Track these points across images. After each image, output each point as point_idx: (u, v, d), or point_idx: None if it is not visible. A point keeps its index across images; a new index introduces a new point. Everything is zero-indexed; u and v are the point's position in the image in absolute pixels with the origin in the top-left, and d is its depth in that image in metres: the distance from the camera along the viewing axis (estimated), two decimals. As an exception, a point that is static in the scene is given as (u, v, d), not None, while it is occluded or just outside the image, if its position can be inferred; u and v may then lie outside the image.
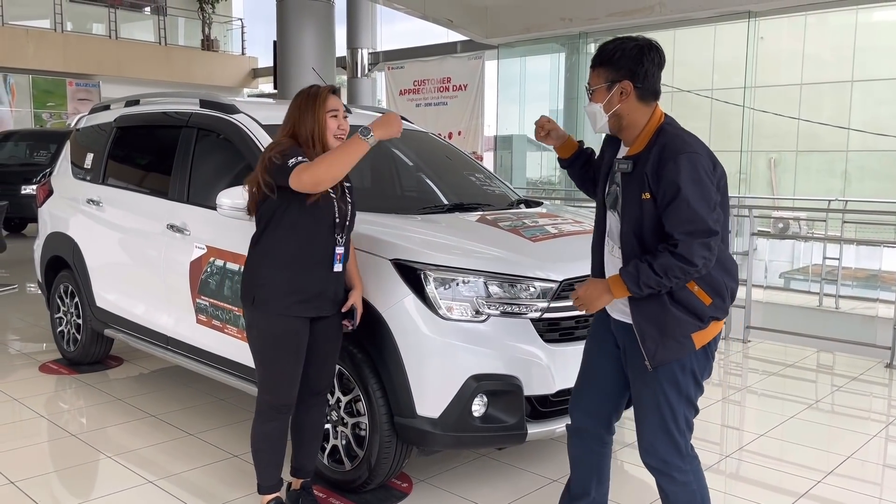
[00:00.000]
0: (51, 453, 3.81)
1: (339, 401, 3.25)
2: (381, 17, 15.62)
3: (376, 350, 3.06)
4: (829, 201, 10.96)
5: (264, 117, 3.80)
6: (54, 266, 5.22)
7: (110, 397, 4.58)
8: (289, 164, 2.63)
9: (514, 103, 14.56)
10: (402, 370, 2.98)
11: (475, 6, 12.48)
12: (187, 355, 4.06)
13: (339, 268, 2.84)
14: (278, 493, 2.98)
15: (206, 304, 3.75)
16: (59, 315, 5.23)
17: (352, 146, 2.63)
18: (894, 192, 14.13)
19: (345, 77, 14.83)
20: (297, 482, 3.09)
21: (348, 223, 2.87)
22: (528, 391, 3.01)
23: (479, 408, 2.98)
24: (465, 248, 3.19)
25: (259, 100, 4.31)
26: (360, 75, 14.42)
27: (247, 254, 2.89)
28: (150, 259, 4.21)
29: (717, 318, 2.39)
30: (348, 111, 4.39)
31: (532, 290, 3.06)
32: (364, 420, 3.13)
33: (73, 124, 5.68)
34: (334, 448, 3.29)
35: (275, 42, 10.02)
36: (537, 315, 3.05)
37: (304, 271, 2.77)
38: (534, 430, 3.07)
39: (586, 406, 2.67)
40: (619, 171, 2.39)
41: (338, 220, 2.80)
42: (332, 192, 2.78)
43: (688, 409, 2.44)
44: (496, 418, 3.01)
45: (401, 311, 3.00)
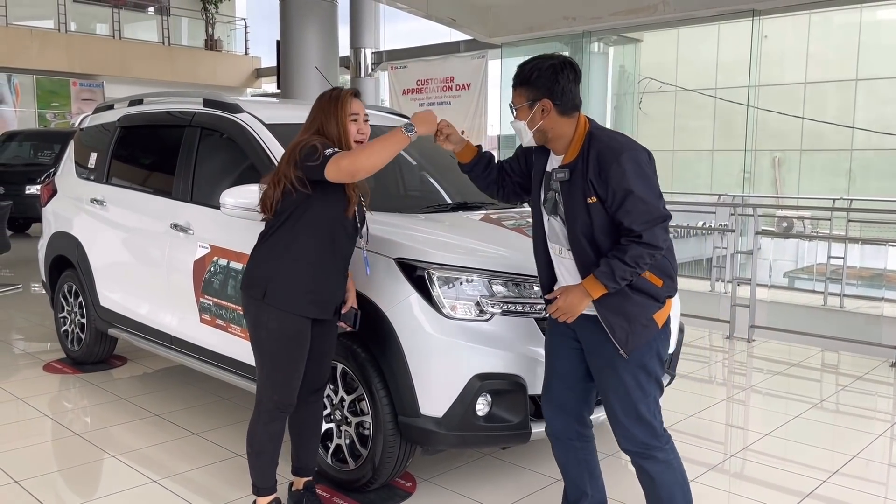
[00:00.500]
0: (55, 452, 3.82)
1: (342, 400, 3.24)
2: (384, 17, 15.62)
3: (380, 349, 3.05)
4: (834, 200, 10.93)
5: (268, 116, 3.80)
6: (58, 266, 5.22)
7: (114, 396, 4.58)
8: (326, 153, 2.62)
9: (518, 102, 14.54)
10: (405, 369, 2.97)
11: (478, 5, 12.47)
12: (191, 354, 4.06)
13: (368, 271, 2.91)
14: (276, 494, 2.97)
15: (210, 303, 3.75)
16: (63, 314, 5.24)
17: (394, 138, 2.65)
18: (899, 191, 14.10)
19: (348, 77, 14.82)
20: (300, 482, 3.08)
21: (367, 227, 2.92)
22: (532, 390, 3.00)
23: (483, 407, 2.98)
24: (468, 247, 3.19)
25: (263, 99, 4.30)
26: (363, 75, 14.41)
27: (253, 248, 2.85)
28: (154, 258, 4.21)
29: (669, 296, 2.56)
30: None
31: (536, 289, 3.05)
32: (368, 419, 3.12)
33: (76, 124, 5.68)
34: (338, 447, 3.28)
35: (278, 42, 10.03)
36: (541, 314, 3.04)
37: (322, 272, 2.77)
38: (538, 429, 3.05)
39: (557, 402, 2.76)
40: (557, 180, 2.51)
41: (359, 226, 2.85)
42: (358, 196, 2.80)
43: (655, 389, 2.57)
44: (500, 417, 3.01)
45: (404, 310, 2.99)
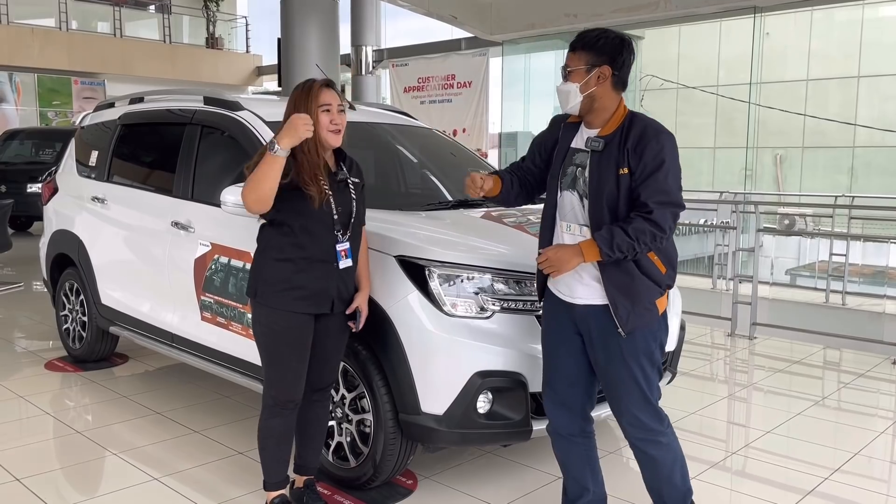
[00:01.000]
0: (56, 450, 3.82)
1: (343, 398, 3.24)
2: (385, 15, 15.61)
3: (381, 347, 3.05)
4: (836, 197, 10.91)
5: (268, 114, 3.79)
6: (60, 264, 5.22)
7: (115, 394, 4.59)
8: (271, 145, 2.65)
9: (519, 100, 14.53)
10: (406, 367, 2.97)
11: (479, 3, 12.46)
12: (192, 352, 4.06)
13: (345, 264, 2.82)
14: (283, 491, 2.98)
15: (211, 301, 3.75)
16: (65, 313, 5.24)
17: (264, 164, 2.62)
18: (901, 188, 14.07)
19: (349, 74, 14.81)
20: (301, 479, 3.08)
21: (353, 220, 2.85)
22: (533, 388, 3.00)
23: (483, 404, 2.97)
24: (469, 244, 3.18)
25: (263, 97, 4.30)
26: (364, 73, 14.38)
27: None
28: (155, 256, 4.21)
29: (669, 286, 2.63)
30: (352, 107, 4.40)
31: (537, 286, 3.05)
32: (369, 417, 3.12)
33: (77, 122, 5.68)
34: (339, 445, 3.28)
35: (279, 40, 10.01)
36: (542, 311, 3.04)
37: (304, 267, 2.77)
38: (539, 426, 3.05)
39: (559, 399, 2.76)
40: (590, 150, 2.55)
41: (336, 217, 2.78)
42: (328, 189, 2.76)
43: (657, 376, 2.64)
44: (501, 415, 3.00)
45: (405, 307, 2.99)
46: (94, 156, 5.00)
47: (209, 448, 3.77)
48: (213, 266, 3.73)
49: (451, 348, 2.94)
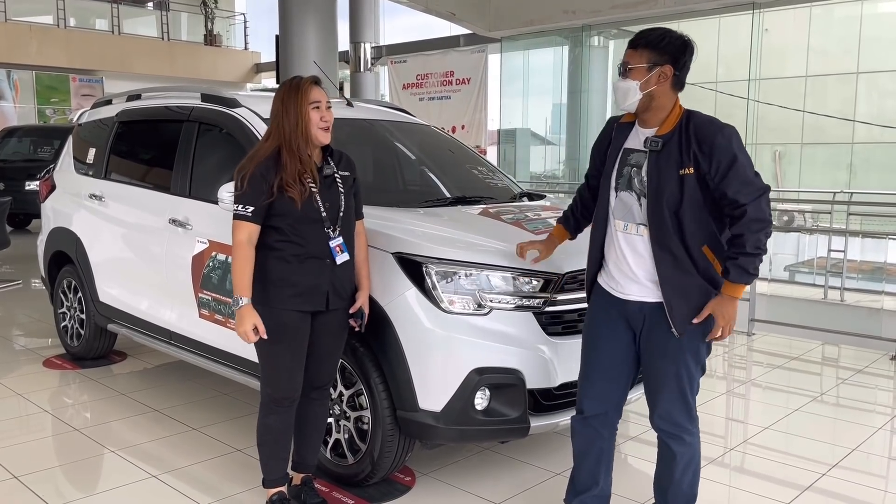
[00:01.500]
0: (54, 448, 3.82)
1: (341, 395, 3.24)
2: (383, 11, 15.60)
3: (378, 344, 3.05)
4: (835, 193, 10.89)
5: (266, 111, 3.75)
6: (57, 261, 5.22)
7: (114, 392, 4.58)
8: (236, 206, 2.73)
9: (518, 97, 14.51)
10: (404, 364, 2.97)
11: (478, -1, 12.45)
12: (190, 350, 4.06)
13: (341, 259, 2.81)
14: (282, 488, 2.98)
15: (209, 298, 3.75)
16: (63, 310, 5.24)
17: (235, 290, 2.74)
18: (900, 185, 14.07)
19: (348, 71, 14.80)
20: (299, 477, 3.08)
21: (342, 214, 2.82)
22: (530, 384, 3.00)
23: (481, 401, 2.97)
24: (467, 241, 3.18)
25: (261, 93, 4.29)
26: (363, 70, 14.39)
27: None
28: (153, 254, 4.21)
29: None
30: (350, 104, 4.40)
31: (534, 283, 3.05)
32: (367, 414, 3.12)
33: (75, 119, 5.67)
34: (337, 442, 3.28)
35: (277, 37, 9.99)
36: (540, 308, 3.04)
37: (297, 265, 2.76)
38: (537, 423, 3.06)
39: (597, 393, 2.74)
40: (650, 150, 2.52)
41: (325, 214, 2.77)
42: (313, 186, 2.75)
43: (699, 374, 2.65)
44: (499, 412, 3.00)
45: (403, 304, 2.99)
46: (92, 153, 4.99)
47: (207, 445, 3.77)
48: (210, 263, 3.72)
49: (448, 345, 2.94)
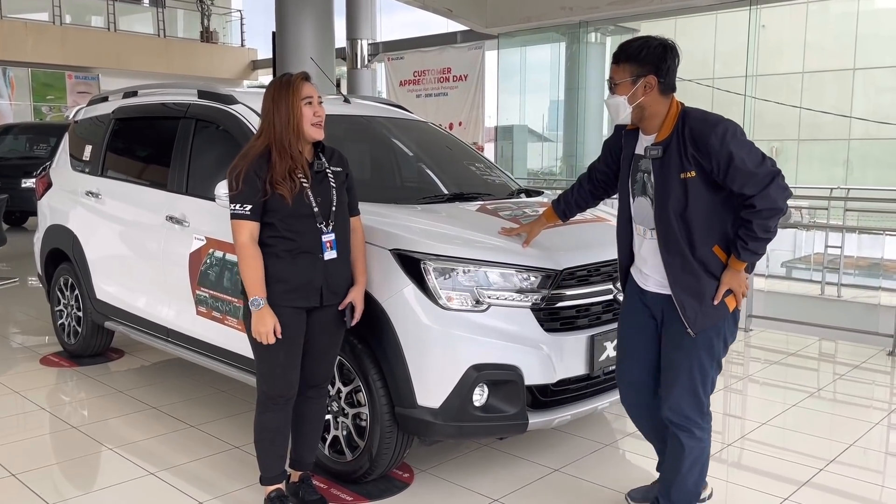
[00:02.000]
0: (52, 445, 3.81)
1: (339, 391, 3.24)
2: (380, 8, 15.57)
3: (376, 340, 3.05)
4: (831, 189, 10.92)
5: (263, 108, 3.77)
6: (54, 259, 5.21)
7: (111, 389, 4.58)
8: (233, 206, 2.72)
9: (515, 94, 14.51)
10: (402, 360, 2.97)
11: (475, -4, 12.44)
12: (188, 347, 4.05)
13: (330, 255, 2.79)
14: (280, 485, 2.97)
15: (206, 295, 3.74)
16: (60, 308, 5.23)
17: (247, 291, 2.74)
18: (896, 181, 14.09)
19: (345, 68, 14.76)
20: (297, 474, 3.08)
21: (334, 209, 2.80)
22: (528, 380, 3.00)
23: (479, 397, 2.97)
24: (465, 237, 3.17)
25: (257, 90, 4.28)
26: (359, 66, 14.34)
27: None
28: (150, 251, 4.20)
29: None
30: (347, 100, 4.39)
31: (532, 279, 3.05)
32: (365, 410, 3.12)
33: (71, 116, 5.66)
34: (335, 439, 3.28)
35: (274, 33, 9.97)
36: (538, 304, 3.04)
37: (289, 261, 2.75)
38: (535, 419, 3.06)
39: (626, 378, 2.88)
40: (650, 158, 2.59)
41: (317, 209, 2.75)
42: (304, 182, 2.74)
43: (715, 371, 2.70)
44: (497, 408, 3.00)
45: (401, 301, 2.99)
46: (88, 150, 4.97)
47: (206, 442, 3.77)
48: (207, 260, 3.71)
49: (446, 342, 2.94)
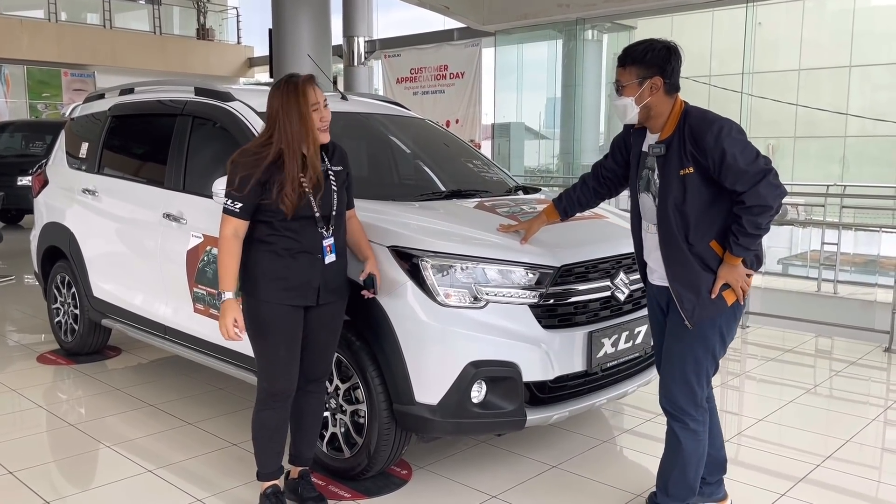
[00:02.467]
0: (49, 443, 3.81)
1: (337, 388, 3.24)
2: (377, 5, 15.55)
3: (374, 337, 3.05)
4: (828, 186, 10.94)
5: (260, 104, 3.75)
6: (51, 256, 5.20)
7: (108, 387, 4.57)
8: (227, 203, 2.72)
9: (512, 91, 14.51)
10: (400, 357, 2.97)
11: (472, -7, 12.42)
12: (185, 345, 4.05)
13: (329, 259, 2.81)
14: (276, 481, 2.98)
15: (204, 293, 3.74)
16: (57, 305, 5.22)
17: (221, 285, 2.75)
18: (892, 177, 14.12)
19: (341, 65, 14.75)
20: (296, 470, 3.09)
21: (335, 212, 2.82)
22: (526, 377, 3.01)
23: (477, 394, 2.98)
24: (462, 234, 3.17)
25: (255, 87, 4.27)
26: (356, 64, 14.33)
27: None
28: (147, 248, 4.19)
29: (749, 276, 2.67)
30: (344, 98, 4.39)
31: (530, 276, 3.05)
32: (363, 407, 3.12)
33: (67, 113, 5.64)
34: (333, 436, 3.28)
35: (270, 30, 9.96)
36: (536, 301, 3.04)
37: (288, 259, 2.76)
38: (533, 416, 3.06)
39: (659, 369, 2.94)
40: (653, 156, 2.68)
41: (318, 214, 2.76)
42: (307, 188, 2.73)
43: (710, 365, 2.74)
44: (495, 405, 3.01)
45: (399, 298, 2.99)
46: (85, 147, 4.96)
47: (203, 440, 3.77)
48: (205, 257, 3.71)
49: (444, 338, 2.94)
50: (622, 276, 3.30)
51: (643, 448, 3.72)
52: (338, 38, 13.66)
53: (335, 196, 2.82)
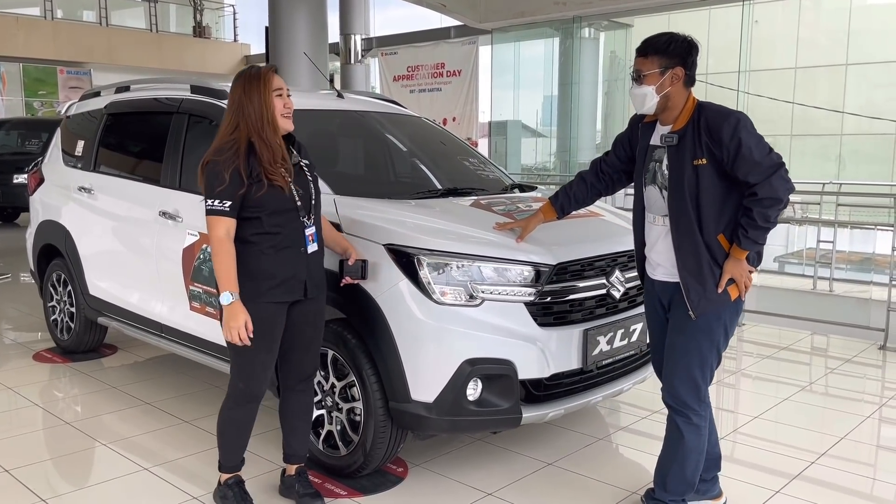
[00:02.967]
0: (45, 441, 3.80)
1: (333, 386, 3.24)
2: (374, 3, 15.51)
3: (370, 335, 3.05)
4: (824, 185, 10.94)
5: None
6: (47, 254, 5.19)
7: (105, 385, 4.57)
8: (210, 202, 2.67)
9: (509, 89, 14.50)
10: (396, 355, 2.97)
11: (468, -10, 12.41)
12: (181, 343, 4.05)
13: (312, 248, 2.82)
14: (238, 473, 2.99)
15: (200, 291, 3.74)
16: (53, 304, 5.21)
17: (221, 286, 2.68)
18: (888, 175, 14.16)
19: (338, 63, 14.72)
20: (292, 468, 3.09)
21: (313, 202, 2.84)
22: (522, 375, 3.01)
23: (473, 392, 2.98)
24: (458, 232, 3.18)
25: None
26: (353, 61, 14.30)
27: None
28: (143, 246, 4.19)
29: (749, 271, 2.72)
30: (341, 95, 4.39)
31: (526, 274, 3.06)
32: (359, 405, 3.13)
33: (63, 111, 5.63)
34: (329, 433, 3.29)
35: (267, 28, 9.95)
36: (531, 299, 3.05)
37: (272, 255, 2.75)
38: (528, 413, 3.07)
39: (658, 367, 2.96)
40: (665, 145, 2.71)
41: (300, 203, 2.77)
42: (287, 176, 2.74)
43: (714, 359, 2.77)
44: (491, 402, 3.01)
45: (395, 296, 2.99)
46: (81, 145, 4.96)
47: (199, 437, 3.77)
48: (201, 255, 3.71)
49: (440, 336, 2.95)
50: (618, 273, 3.30)
51: (639, 445, 3.73)
52: (334, 35, 13.63)
53: (311, 186, 2.85)
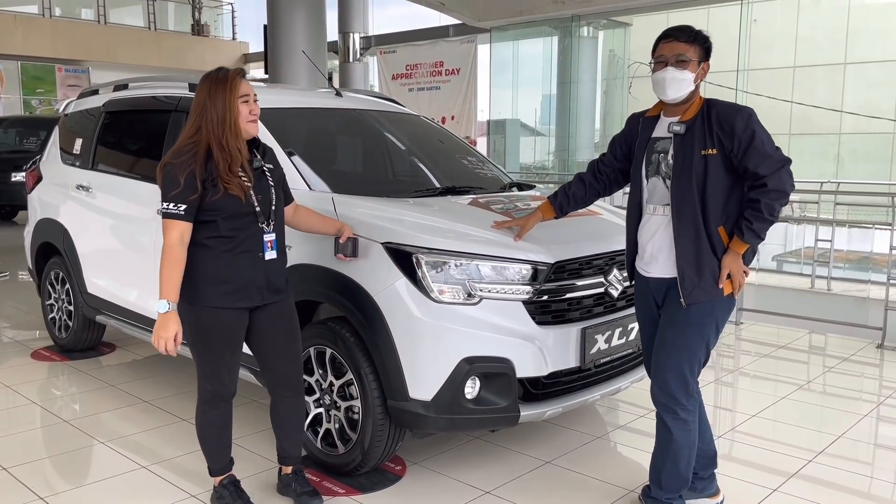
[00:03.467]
0: (44, 440, 3.80)
1: (331, 384, 3.25)
2: (372, 1, 15.50)
3: (368, 333, 3.05)
4: (822, 184, 10.94)
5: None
6: (45, 253, 5.19)
7: (103, 383, 4.57)
8: (166, 205, 2.62)
9: (508, 88, 14.49)
10: (394, 353, 2.97)
11: (467, -11, 12.41)
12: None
13: (270, 255, 2.77)
14: (231, 472, 2.99)
15: (198, 289, 3.73)
16: (51, 302, 5.21)
17: (162, 293, 2.64)
18: (886, 175, 14.16)
19: (336, 62, 14.72)
20: (288, 468, 3.09)
21: (274, 208, 2.79)
22: (520, 373, 3.01)
23: (471, 390, 2.98)
24: (457, 231, 3.18)
25: (250, 83, 4.25)
26: (351, 60, 14.30)
27: None
28: (141, 245, 4.18)
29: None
30: (339, 94, 4.39)
31: (524, 272, 3.06)
32: (357, 403, 3.13)
33: (61, 110, 5.63)
34: (327, 432, 3.29)
35: (265, 27, 9.94)
36: (529, 297, 3.05)
37: (228, 260, 2.70)
38: (526, 412, 3.07)
39: (648, 365, 2.97)
40: (671, 134, 2.72)
41: (258, 209, 2.72)
42: (246, 181, 2.70)
43: (703, 355, 2.78)
44: (489, 400, 3.01)
45: (393, 294, 2.99)
46: (79, 144, 4.95)
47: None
48: (199, 254, 3.70)
49: (438, 334, 2.95)
50: (616, 272, 3.31)
51: (637, 444, 3.73)
52: (333, 34, 13.62)
53: (273, 191, 2.80)
